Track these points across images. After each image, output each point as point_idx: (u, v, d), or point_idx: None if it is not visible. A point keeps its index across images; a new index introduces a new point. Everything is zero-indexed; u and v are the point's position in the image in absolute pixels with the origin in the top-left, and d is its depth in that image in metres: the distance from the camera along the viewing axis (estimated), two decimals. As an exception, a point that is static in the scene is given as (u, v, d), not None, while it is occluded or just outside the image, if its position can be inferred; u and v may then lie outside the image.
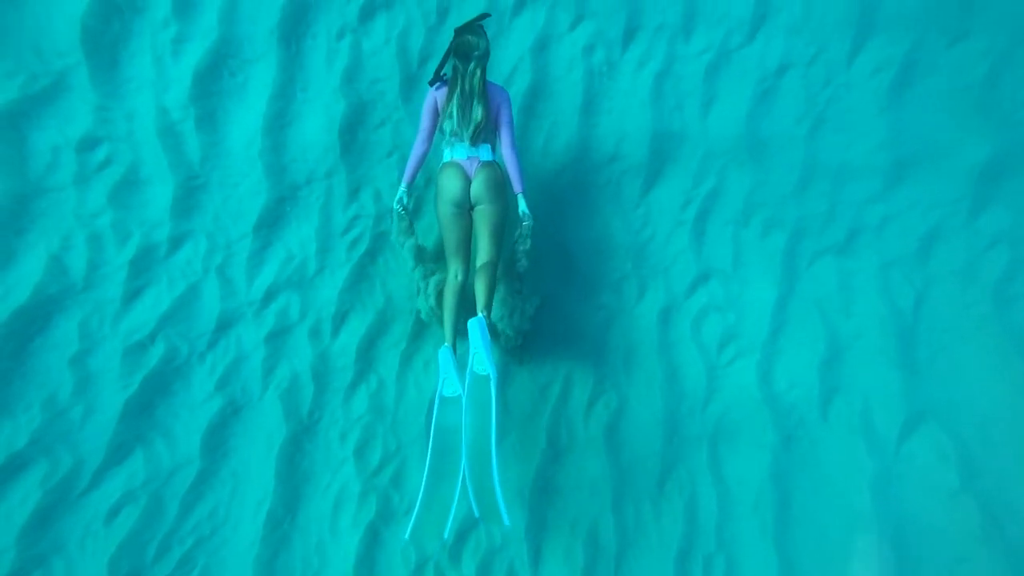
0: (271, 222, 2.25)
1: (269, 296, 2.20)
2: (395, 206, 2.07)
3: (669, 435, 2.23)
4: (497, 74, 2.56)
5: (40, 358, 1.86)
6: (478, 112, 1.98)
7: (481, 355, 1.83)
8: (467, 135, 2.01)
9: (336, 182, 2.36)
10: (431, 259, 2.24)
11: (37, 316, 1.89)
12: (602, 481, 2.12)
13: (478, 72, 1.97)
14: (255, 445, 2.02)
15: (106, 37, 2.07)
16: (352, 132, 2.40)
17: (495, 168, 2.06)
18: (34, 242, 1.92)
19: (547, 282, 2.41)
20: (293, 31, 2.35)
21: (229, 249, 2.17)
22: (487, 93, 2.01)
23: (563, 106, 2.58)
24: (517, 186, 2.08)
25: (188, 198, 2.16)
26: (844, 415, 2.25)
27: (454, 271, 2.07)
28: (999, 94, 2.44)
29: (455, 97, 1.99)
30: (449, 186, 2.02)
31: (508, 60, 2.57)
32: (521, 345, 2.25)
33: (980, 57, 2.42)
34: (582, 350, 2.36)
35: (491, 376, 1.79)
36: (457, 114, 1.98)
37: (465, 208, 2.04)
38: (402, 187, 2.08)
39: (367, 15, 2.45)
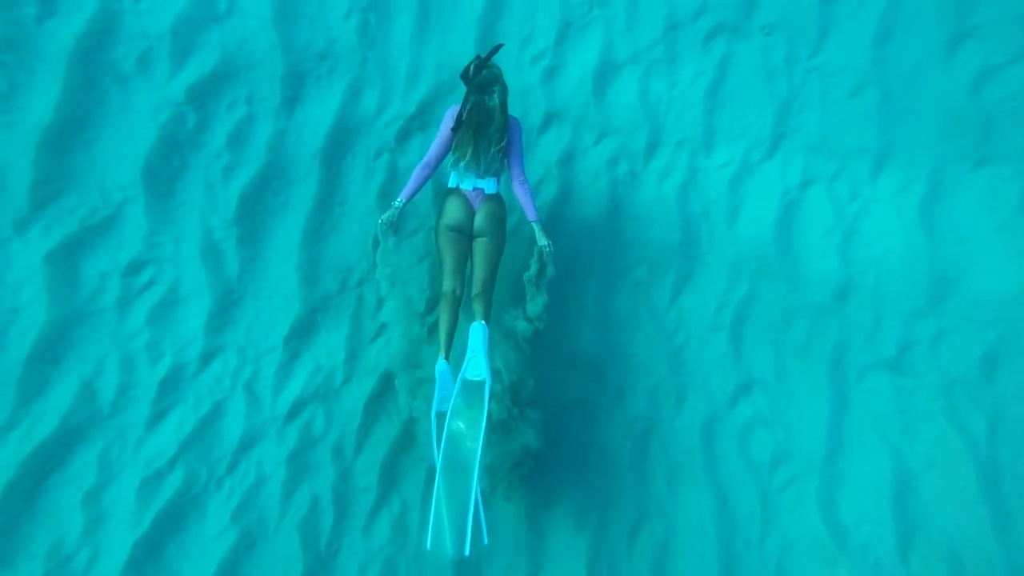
0: (302, 333, 2.10)
1: (294, 410, 1.99)
2: (384, 218, 1.92)
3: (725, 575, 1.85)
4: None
5: (53, 496, 1.64)
6: (494, 145, 1.87)
7: (479, 359, 1.76)
8: (477, 167, 1.91)
9: (367, 290, 2.24)
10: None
11: (57, 449, 1.71)
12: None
13: (499, 104, 1.85)
14: (267, 587, 1.73)
15: (165, 171, 2.07)
16: (385, 242, 2.35)
17: (499, 202, 1.96)
18: (69, 368, 1.78)
19: (576, 388, 2.17)
20: (335, 153, 2.36)
21: (258, 363, 2.01)
22: (507, 125, 1.89)
23: (589, 212, 2.49)
24: (531, 214, 1.95)
25: (223, 313, 2.04)
26: (929, 562, 1.83)
27: (451, 286, 1.94)
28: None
29: (470, 132, 1.86)
30: (453, 213, 1.93)
31: (536, 171, 2.51)
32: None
33: (1008, 183, 2.18)
34: (619, 466, 2.05)
35: (486, 381, 1.71)
36: (471, 150, 1.87)
37: (466, 235, 1.95)
38: (398, 202, 1.92)
39: (404, 136, 2.47)
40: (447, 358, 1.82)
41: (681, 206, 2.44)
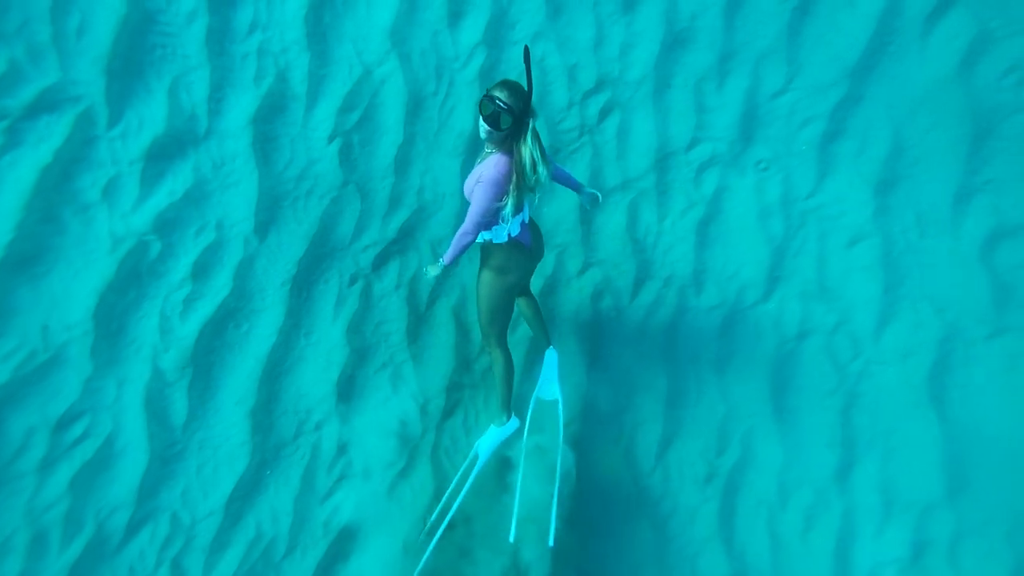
0: (246, 492, 1.79)
1: (226, 590, 1.71)
2: (431, 275, 1.76)
3: None
4: None
5: None
6: (543, 175, 1.48)
7: (553, 383, 1.92)
8: (521, 204, 1.55)
9: (325, 435, 1.97)
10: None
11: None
12: None
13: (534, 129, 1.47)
14: None
15: (119, 306, 1.85)
16: (351, 379, 2.09)
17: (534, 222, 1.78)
18: (-34, 551, 1.54)
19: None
20: (306, 280, 2.14)
21: (192, 531, 1.72)
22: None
23: (571, 349, 2.24)
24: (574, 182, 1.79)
25: (161, 469, 1.76)
26: None
27: (506, 353, 1.82)
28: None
29: (520, 172, 1.46)
30: (520, 267, 1.69)
31: (517, 304, 2.32)
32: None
33: (922, 341, 1.93)
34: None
35: (559, 400, 1.89)
36: (518, 192, 1.48)
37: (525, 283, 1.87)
38: (441, 264, 1.70)
39: (381, 262, 2.25)
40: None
41: (667, 351, 2.18)
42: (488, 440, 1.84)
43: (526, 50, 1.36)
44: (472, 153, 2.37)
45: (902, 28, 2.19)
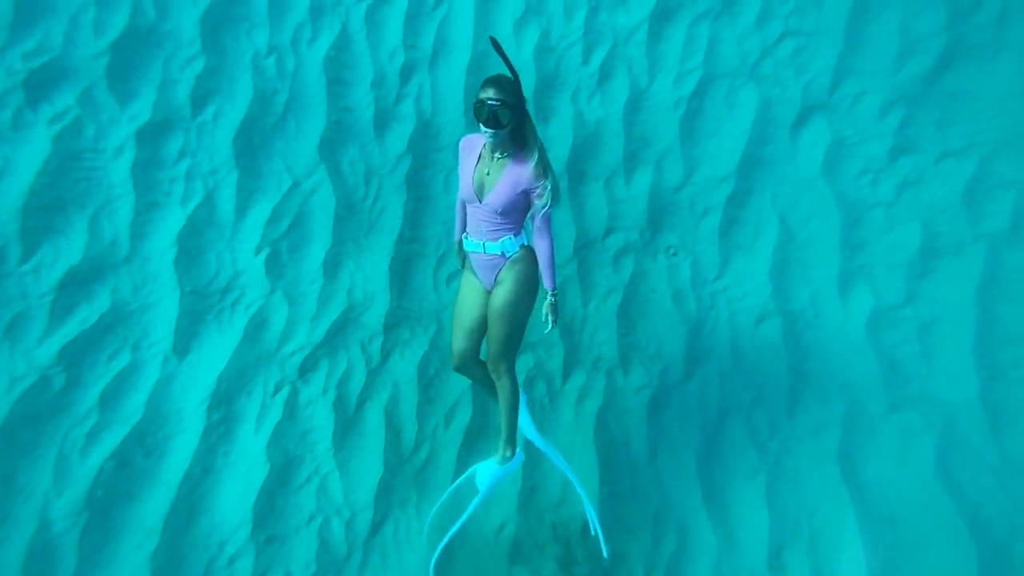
0: None
1: None
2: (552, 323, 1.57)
3: None
4: (442, 403, 2.24)
5: None
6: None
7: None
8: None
9: (239, 571, 1.82)
10: None
11: None
12: None
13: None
14: None
15: (11, 451, 1.69)
16: (271, 499, 1.93)
17: None
18: None
19: None
20: (227, 393, 2.03)
21: None
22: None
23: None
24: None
25: (40, 638, 1.59)
26: None
27: (515, 382, 1.66)
28: (955, 473, 1.85)
29: (543, 152, 1.41)
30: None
31: (451, 394, 2.27)
32: None
33: (922, 433, 1.94)
34: None
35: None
36: (553, 175, 1.43)
37: None
38: (551, 298, 1.56)
39: (310, 366, 2.18)
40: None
41: (599, 435, 2.14)
42: (490, 476, 1.66)
43: (493, 41, 1.29)
44: (404, 249, 2.40)
45: (774, 133, 2.46)
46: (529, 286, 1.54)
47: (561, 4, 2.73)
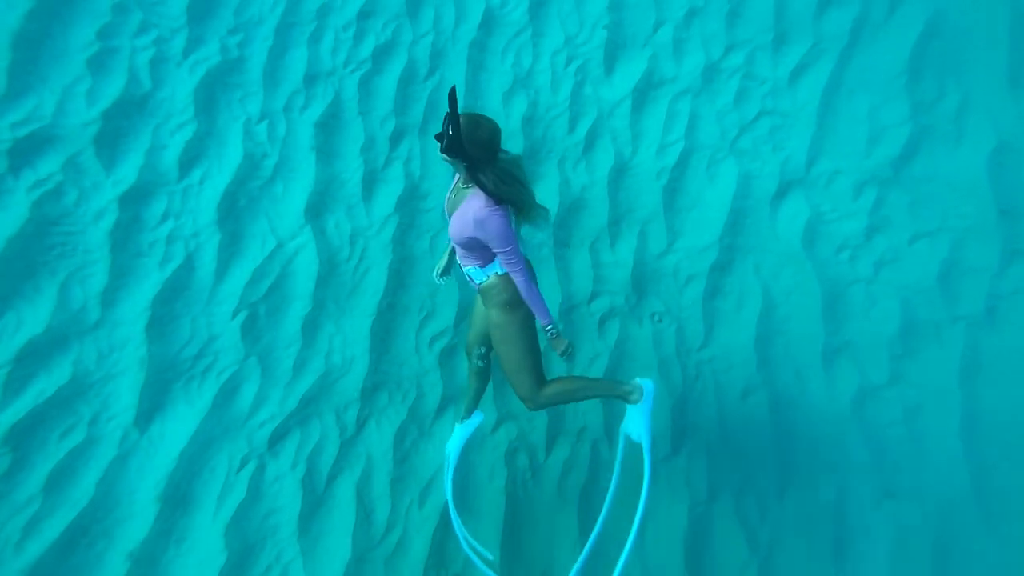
0: None
1: None
2: (563, 352, 1.51)
3: None
4: (417, 479, 2.10)
5: None
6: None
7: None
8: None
9: None
10: None
11: None
12: None
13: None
14: None
15: None
16: (225, 595, 1.78)
17: None
18: None
19: None
20: (186, 474, 1.88)
21: None
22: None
23: (486, 525, 2.04)
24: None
25: None
26: None
27: (544, 383, 1.59)
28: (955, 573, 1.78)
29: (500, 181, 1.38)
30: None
31: (427, 469, 2.11)
32: None
33: (918, 530, 1.84)
34: None
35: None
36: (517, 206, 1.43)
37: None
38: (552, 329, 1.47)
39: (280, 437, 2.05)
40: None
41: (584, 513, 2.01)
42: (641, 417, 1.65)
43: (451, 92, 1.26)
44: (385, 310, 2.34)
45: (753, 207, 2.49)
46: (509, 311, 1.47)
47: (548, 77, 2.82)
